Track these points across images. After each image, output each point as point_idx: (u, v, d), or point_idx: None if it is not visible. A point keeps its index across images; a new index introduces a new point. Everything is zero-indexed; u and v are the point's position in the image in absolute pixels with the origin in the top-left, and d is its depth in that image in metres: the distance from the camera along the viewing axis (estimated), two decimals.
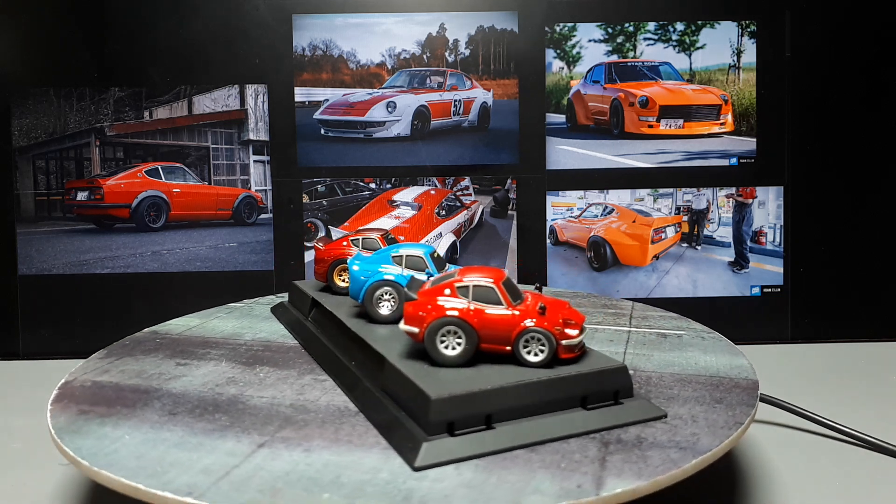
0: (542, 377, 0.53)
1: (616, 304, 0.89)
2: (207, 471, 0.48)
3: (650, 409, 0.55)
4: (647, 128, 1.13)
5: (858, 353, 1.06)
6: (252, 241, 1.12)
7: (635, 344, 0.73)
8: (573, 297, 0.94)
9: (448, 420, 0.49)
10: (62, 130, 1.10)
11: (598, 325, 0.79)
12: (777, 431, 0.78)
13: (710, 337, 0.74)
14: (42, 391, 0.94)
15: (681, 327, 0.78)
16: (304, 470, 0.48)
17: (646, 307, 0.88)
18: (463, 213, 1.13)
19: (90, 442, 0.53)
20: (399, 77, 1.12)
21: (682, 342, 0.72)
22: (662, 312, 0.85)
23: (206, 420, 0.56)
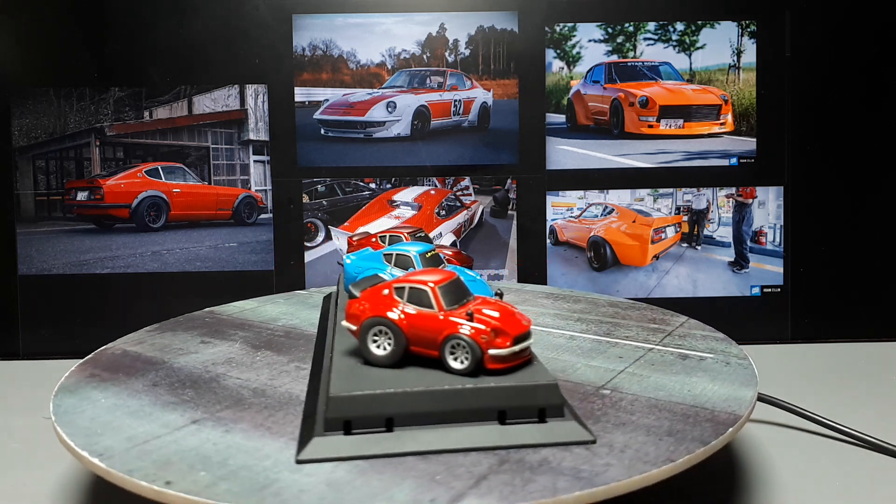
0: (455, 386, 0.51)
1: (665, 319, 0.82)
2: (132, 438, 0.53)
3: (576, 432, 0.50)
4: (647, 128, 1.13)
5: (858, 353, 1.06)
6: (252, 241, 1.12)
7: (643, 363, 0.67)
8: (628, 308, 0.87)
9: (345, 418, 0.50)
10: (62, 130, 1.10)
11: (624, 340, 0.74)
12: (777, 431, 0.78)
13: (736, 364, 0.66)
14: (42, 391, 0.94)
15: (714, 350, 0.70)
16: (206, 448, 0.51)
17: (695, 325, 0.79)
18: (463, 213, 1.13)
19: (72, 401, 0.60)
20: (399, 77, 1.12)
21: (698, 366, 0.66)
22: (709, 332, 0.76)
23: (174, 394, 0.62)
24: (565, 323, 0.81)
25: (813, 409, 0.78)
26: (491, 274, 1.12)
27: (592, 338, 0.74)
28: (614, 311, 0.85)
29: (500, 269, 1.12)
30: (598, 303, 0.90)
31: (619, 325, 0.79)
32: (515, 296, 0.94)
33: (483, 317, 0.55)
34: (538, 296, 0.94)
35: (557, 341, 0.74)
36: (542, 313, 0.85)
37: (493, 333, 0.54)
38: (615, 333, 0.76)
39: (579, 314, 0.85)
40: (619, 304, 0.88)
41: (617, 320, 0.81)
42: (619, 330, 0.77)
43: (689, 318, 0.82)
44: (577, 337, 0.75)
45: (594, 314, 0.84)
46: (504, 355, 0.54)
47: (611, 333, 0.76)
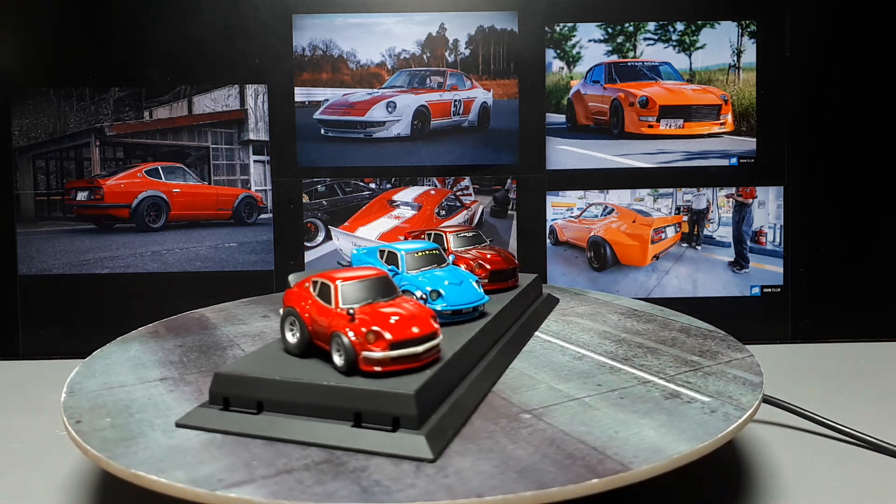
0: (319, 381, 0.53)
1: (717, 352, 0.70)
2: (107, 383, 0.64)
3: (417, 448, 0.49)
4: (647, 128, 1.13)
5: (858, 353, 1.06)
6: (252, 241, 1.12)
7: (614, 396, 0.59)
8: (694, 335, 0.77)
9: (224, 395, 0.55)
10: (62, 130, 1.10)
11: (632, 368, 0.66)
12: (777, 431, 0.78)
13: (726, 413, 0.56)
14: (42, 391, 0.94)
15: (721, 394, 0.60)
16: (138, 401, 0.60)
17: (743, 365, 0.67)
18: (463, 213, 1.13)
19: (113, 348, 0.75)
20: (399, 77, 1.12)
21: (670, 409, 0.57)
22: (748, 375, 0.64)
23: (182, 354, 0.72)
24: (596, 342, 0.74)
25: (813, 409, 0.78)
26: None
27: (602, 360, 0.69)
28: (672, 336, 0.76)
29: None
30: (670, 325, 0.80)
31: (653, 352, 0.70)
32: (585, 306, 0.89)
33: (367, 318, 0.55)
34: (612, 310, 0.87)
35: (559, 359, 0.69)
36: (585, 328, 0.79)
37: (373, 336, 0.54)
38: (634, 360, 0.68)
39: (625, 334, 0.76)
40: (689, 330, 0.78)
41: (658, 346, 0.72)
42: (644, 357, 0.69)
43: (750, 355, 0.69)
44: (586, 357, 0.69)
45: (642, 337, 0.75)
46: (377, 358, 0.53)
47: (629, 360, 0.68)
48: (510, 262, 0.83)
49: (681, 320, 0.82)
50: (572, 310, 0.87)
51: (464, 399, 0.56)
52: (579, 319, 0.83)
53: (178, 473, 0.47)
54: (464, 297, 0.68)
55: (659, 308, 0.88)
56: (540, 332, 0.77)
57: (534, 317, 0.81)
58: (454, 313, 0.68)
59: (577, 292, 0.97)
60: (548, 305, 0.87)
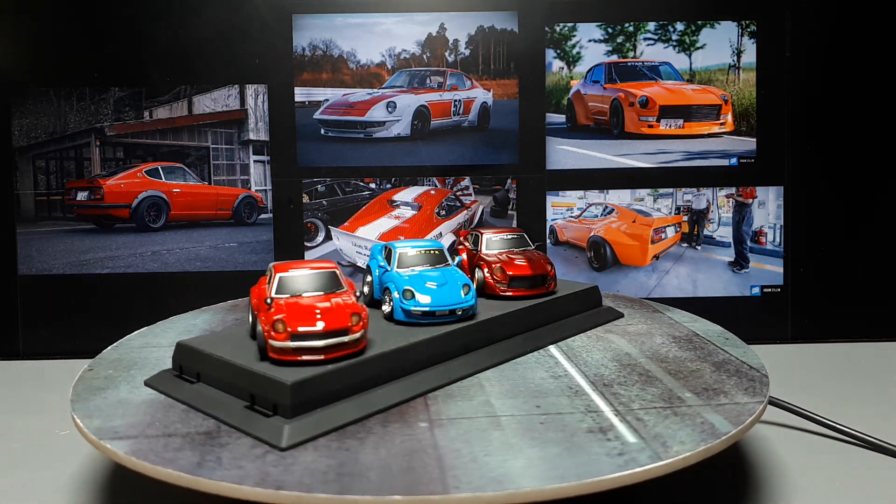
0: (233, 361, 0.58)
1: (721, 390, 0.61)
2: (145, 344, 0.76)
3: (275, 435, 0.51)
4: (647, 128, 1.13)
5: (858, 353, 1.06)
6: (252, 241, 1.12)
7: (532, 423, 0.54)
8: (734, 373, 0.65)
9: (178, 363, 0.63)
10: (62, 130, 1.10)
11: (600, 398, 0.59)
12: (776, 431, 0.78)
13: (627, 456, 0.49)
14: (42, 391, 0.94)
15: (653, 439, 0.51)
16: (150, 360, 0.70)
17: (725, 411, 0.57)
18: (463, 213, 1.13)
19: (183, 316, 0.88)
20: (399, 77, 1.12)
21: (580, 444, 0.51)
22: (716, 419, 0.55)
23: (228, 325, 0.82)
24: (599, 362, 0.67)
25: (813, 409, 0.78)
26: None
27: (578, 382, 0.62)
28: (696, 368, 0.66)
29: None
30: (711, 356, 0.68)
31: (648, 382, 0.63)
32: (645, 325, 0.80)
33: (279, 309, 0.58)
34: (670, 331, 0.77)
35: (534, 374, 0.64)
36: (607, 348, 0.72)
37: (280, 325, 0.57)
38: (613, 387, 0.61)
39: (644, 359, 0.68)
40: (724, 365, 0.66)
41: (664, 376, 0.64)
42: (630, 386, 0.62)
43: (758, 401, 0.58)
44: (564, 377, 0.64)
45: (660, 364, 0.67)
46: (278, 347, 0.56)
47: (609, 385, 0.62)
48: (538, 270, 0.77)
49: (731, 354, 0.69)
50: (624, 328, 0.79)
51: (372, 399, 0.57)
52: (616, 338, 0.75)
53: (96, 421, 0.56)
54: (440, 299, 0.67)
55: (725, 337, 0.74)
56: (553, 346, 0.72)
57: (560, 329, 0.75)
58: (425, 314, 0.67)
59: (658, 309, 0.86)
60: (596, 319, 0.80)
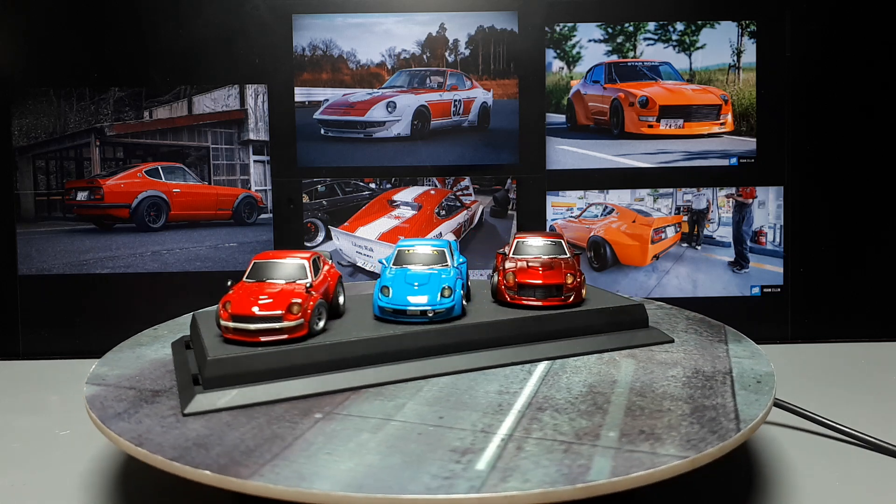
0: (203, 335, 0.65)
1: (663, 430, 0.54)
2: None
3: (185, 401, 0.58)
4: (647, 128, 1.13)
5: (858, 353, 1.06)
6: (252, 241, 1.12)
7: (407, 432, 0.53)
8: (693, 413, 0.56)
9: (190, 333, 0.70)
10: (62, 130, 1.10)
11: (521, 418, 0.55)
12: (776, 431, 0.78)
13: (460, 478, 0.47)
14: (42, 391, 0.94)
15: (508, 471, 0.48)
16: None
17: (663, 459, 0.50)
18: (463, 213, 1.13)
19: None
20: (399, 77, 1.12)
21: (421, 458, 0.50)
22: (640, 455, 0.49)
23: None
24: (575, 386, 0.62)
25: (813, 409, 0.78)
26: (490, 274, 1.11)
27: (520, 402, 0.58)
28: (671, 407, 0.57)
29: None
30: (709, 397, 0.60)
31: (598, 412, 0.56)
32: (682, 354, 0.70)
33: (234, 292, 0.64)
34: (701, 365, 0.67)
35: (483, 388, 0.61)
36: (602, 371, 0.65)
37: (226, 306, 0.63)
38: (546, 414, 0.56)
39: (630, 390, 0.61)
40: (708, 412, 0.56)
41: (628, 410, 0.57)
42: (574, 413, 0.56)
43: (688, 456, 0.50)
44: (510, 395, 0.60)
45: (640, 398, 0.59)
46: (223, 326, 0.63)
47: (546, 410, 0.57)
48: (553, 279, 0.72)
49: (731, 402, 0.59)
50: (657, 353, 0.70)
51: (291, 386, 0.60)
52: (629, 363, 0.67)
53: (104, 368, 0.68)
54: (413, 298, 0.68)
55: (758, 379, 0.63)
56: (547, 362, 0.68)
57: (571, 345, 0.70)
58: (395, 312, 0.68)
59: (726, 338, 0.75)
60: (631, 340, 0.72)
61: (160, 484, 0.67)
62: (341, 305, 0.74)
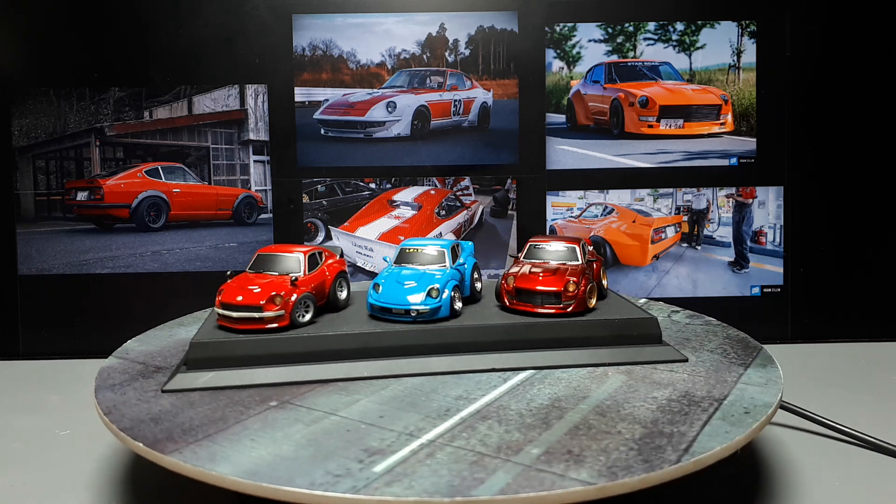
0: (203, 326, 0.70)
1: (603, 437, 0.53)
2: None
3: (168, 379, 0.64)
4: (647, 128, 1.13)
5: (858, 353, 1.06)
6: (252, 241, 1.12)
7: (319, 429, 0.55)
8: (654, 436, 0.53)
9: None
10: (62, 130, 1.10)
11: (445, 430, 0.54)
12: (777, 431, 0.78)
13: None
14: (42, 391, 0.94)
15: (398, 477, 0.48)
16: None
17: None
18: (463, 213, 1.13)
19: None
20: (399, 77, 1.12)
21: (347, 473, 0.49)
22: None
23: None
24: (536, 402, 0.59)
25: (812, 409, 0.78)
26: (490, 274, 1.11)
27: (464, 411, 0.58)
28: (625, 433, 0.54)
29: (499, 269, 1.12)
30: (676, 423, 0.55)
31: (543, 427, 0.55)
32: (685, 374, 0.65)
33: (233, 282, 0.69)
34: (699, 387, 0.62)
35: (443, 391, 0.61)
36: (577, 387, 0.62)
37: (218, 295, 0.68)
38: (485, 425, 0.55)
39: (594, 407, 0.58)
40: (657, 439, 0.53)
41: (558, 433, 0.54)
42: (497, 429, 0.54)
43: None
44: (467, 400, 0.60)
45: (599, 417, 0.56)
46: (218, 313, 0.68)
47: (489, 420, 0.56)
48: (551, 286, 0.70)
49: (696, 432, 0.54)
50: (658, 372, 0.66)
51: (263, 374, 0.64)
52: (619, 378, 0.64)
53: (134, 343, 0.75)
54: (397, 297, 0.69)
55: (747, 410, 0.57)
56: (528, 372, 0.65)
57: (563, 356, 0.67)
58: (382, 310, 0.70)
59: (749, 362, 0.69)
60: (637, 356, 0.67)
61: (160, 484, 0.67)
62: (340, 300, 0.75)
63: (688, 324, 0.81)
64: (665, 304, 0.90)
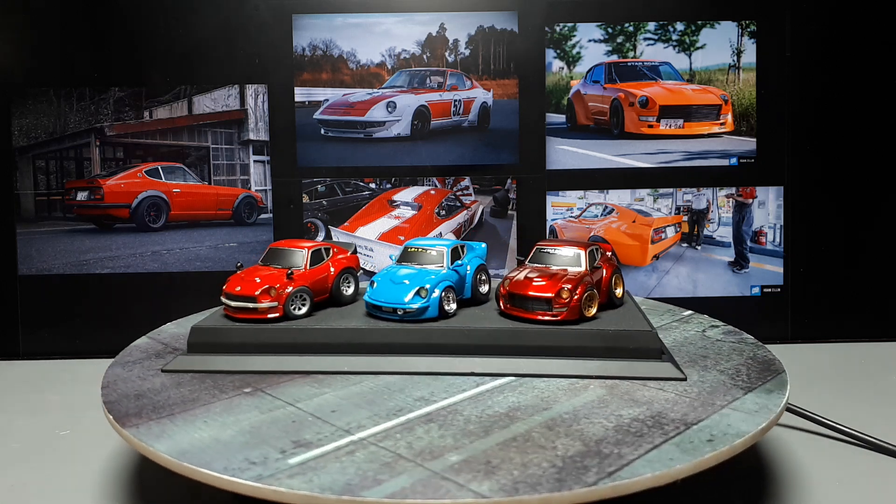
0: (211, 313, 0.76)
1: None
2: None
3: (180, 363, 0.68)
4: (647, 128, 1.13)
5: (858, 353, 1.06)
6: (252, 241, 1.12)
7: (258, 419, 0.56)
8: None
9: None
10: (62, 130, 1.10)
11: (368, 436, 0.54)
12: (777, 431, 0.78)
13: None
14: (42, 391, 0.94)
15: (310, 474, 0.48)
16: None
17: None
18: (463, 213, 1.13)
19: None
20: (399, 77, 1.12)
21: (264, 461, 0.50)
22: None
23: None
24: (497, 409, 0.58)
25: (812, 409, 0.78)
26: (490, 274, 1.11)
27: (411, 412, 0.58)
28: (561, 448, 0.51)
29: (500, 269, 1.12)
30: (634, 445, 0.52)
31: (473, 437, 0.53)
32: (673, 393, 0.61)
33: (240, 273, 0.73)
34: (681, 410, 0.58)
35: (401, 393, 0.61)
36: (551, 402, 0.59)
37: (226, 283, 0.72)
38: (423, 429, 0.54)
39: (550, 420, 0.55)
40: (578, 458, 0.50)
41: (490, 443, 0.52)
42: (429, 434, 0.54)
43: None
44: (423, 402, 0.59)
45: (548, 430, 0.54)
46: (222, 302, 0.72)
47: (427, 425, 0.55)
48: (541, 292, 0.68)
49: (651, 451, 0.51)
50: (647, 390, 0.62)
51: (254, 361, 0.67)
52: (598, 393, 0.61)
53: (171, 326, 0.82)
54: (387, 296, 0.70)
55: (711, 436, 0.53)
56: (506, 378, 0.64)
57: (548, 365, 0.64)
58: (374, 307, 0.71)
59: (745, 385, 0.63)
60: (631, 371, 0.64)
61: (160, 484, 0.67)
62: (344, 295, 0.77)
63: (718, 340, 0.75)
64: (706, 318, 0.83)
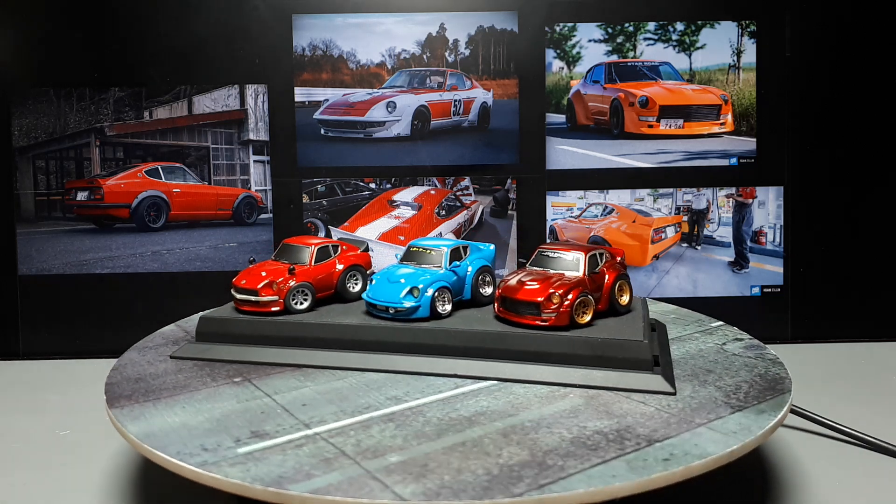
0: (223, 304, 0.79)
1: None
2: None
3: (187, 350, 0.71)
4: (647, 128, 1.13)
5: (858, 353, 1.06)
6: (252, 241, 1.12)
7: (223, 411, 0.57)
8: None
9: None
10: (62, 130, 1.10)
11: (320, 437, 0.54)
12: (778, 431, 0.78)
13: None
14: (42, 391, 0.94)
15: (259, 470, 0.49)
16: None
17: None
18: (463, 213, 1.13)
19: None
20: (399, 77, 1.12)
21: (216, 455, 0.51)
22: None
23: None
24: (457, 414, 0.57)
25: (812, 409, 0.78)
26: None
27: (367, 413, 0.57)
28: (511, 456, 0.50)
29: (499, 269, 1.12)
30: (597, 455, 0.50)
31: (420, 440, 0.53)
32: (663, 409, 0.57)
33: (253, 267, 0.76)
34: (666, 420, 0.56)
35: (377, 392, 0.61)
36: (519, 409, 0.58)
37: (235, 279, 0.75)
38: (364, 432, 0.54)
39: (509, 427, 0.54)
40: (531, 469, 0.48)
41: (436, 447, 0.52)
42: (368, 433, 0.54)
43: None
44: (387, 404, 0.59)
45: (504, 437, 0.53)
46: (233, 296, 0.74)
47: (368, 429, 0.54)
48: (528, 296, 0.66)
49: (619, 460, 0.50)
50: (614, 403, 0.59)
51: (253, 352, 0.69)
52: (575, 403, 0.59)
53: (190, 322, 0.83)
54: (381, 294, 0.71)
55: (667, 458, 0.50)
56: (488, 382, 0.63)
57: (533, 371, 0.63)
58: (370, 306, 0.72)
59: (738, 403, 0.59)
60: (619, 382, 0.61)
61: (161, 484, 0.67)
62: (350, 292, 0.78)
63: (734, 354, 0.72)
64: (734, 331, 0.79)
